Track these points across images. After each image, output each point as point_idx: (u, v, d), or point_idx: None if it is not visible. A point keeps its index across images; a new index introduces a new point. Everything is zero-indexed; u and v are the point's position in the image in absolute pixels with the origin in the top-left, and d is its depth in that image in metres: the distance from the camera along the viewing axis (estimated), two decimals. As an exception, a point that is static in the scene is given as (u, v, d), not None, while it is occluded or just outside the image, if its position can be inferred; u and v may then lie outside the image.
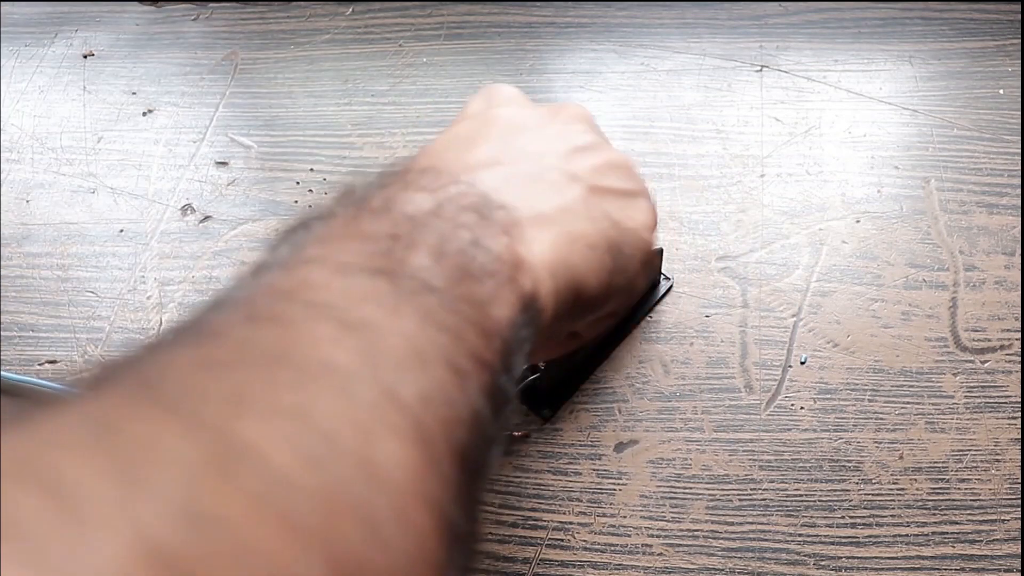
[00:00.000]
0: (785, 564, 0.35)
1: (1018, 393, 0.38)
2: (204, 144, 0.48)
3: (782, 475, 0.37)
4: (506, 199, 0.22)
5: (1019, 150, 0.45)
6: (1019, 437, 0.37)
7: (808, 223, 0.43)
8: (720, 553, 0.35)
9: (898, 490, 0.36)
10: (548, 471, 0.37)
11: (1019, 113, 0.46)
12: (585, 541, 0.36)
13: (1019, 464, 0.37)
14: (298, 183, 0.46)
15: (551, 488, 0.37)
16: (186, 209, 0.46)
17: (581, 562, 0.35)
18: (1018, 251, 0.42)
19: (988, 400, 0.38)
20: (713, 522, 0.36)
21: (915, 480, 0.36)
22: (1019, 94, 0.47)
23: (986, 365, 0.39)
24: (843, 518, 0.36)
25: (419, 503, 0.14)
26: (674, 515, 0.36)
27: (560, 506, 0.37)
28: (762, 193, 0.44)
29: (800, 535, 0.36)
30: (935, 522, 0.36)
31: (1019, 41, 0.49)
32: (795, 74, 0.49)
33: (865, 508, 0.36)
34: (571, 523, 0.36)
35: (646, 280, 0.26)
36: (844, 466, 0.37)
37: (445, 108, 0.49)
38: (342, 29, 0.52)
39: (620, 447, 0.38)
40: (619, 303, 0.27)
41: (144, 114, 0.50)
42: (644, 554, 0.35)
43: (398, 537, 0.13)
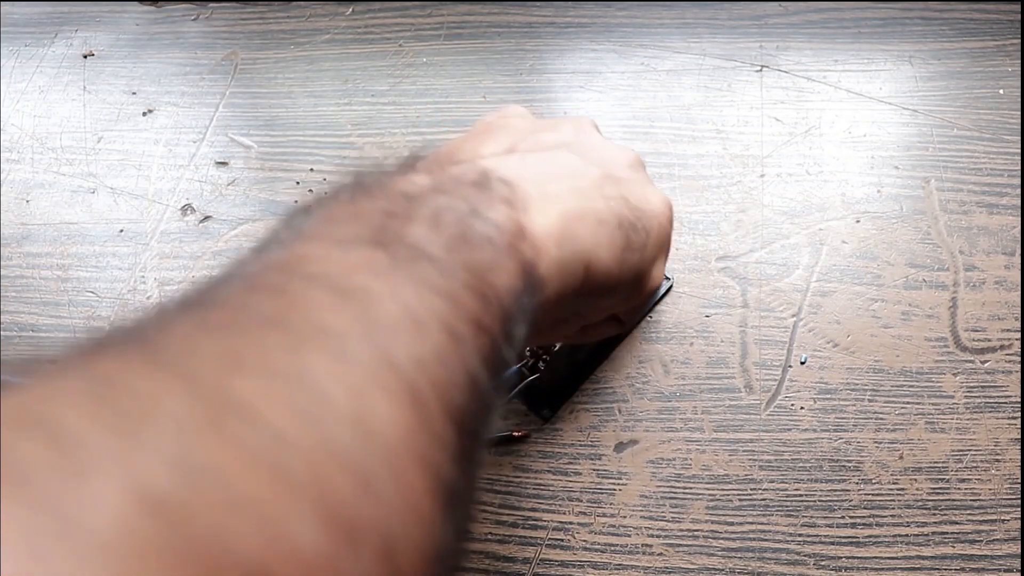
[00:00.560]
0: (785, 564, 0.35)
1: (1018, 393, 0.38)
2: (204, 144, 0.48)
3: (782, 475, 0.37)
4: (511, 175, 0.22)
5: (1019, 150, 0.45)
6: (1019, 437, 0.37)
7: (808, 223, 0.43)
8: (720, 553, 0.35)
9: (898, 490, 0.36)
10: (548, 471, 0.37)
11: (1019, 113, 0.46)
12: (585, 541, 0.36)
13: (1019, 464, 0.37)
14: (298, 183, 0.46)
15: (551, 488, 0.37)
16: (186, 209, 0.46)
17: (581, 562, 0.35)
18: (1018, 251, 0.42)
19: (988, 400, 0.38)
20: (713, 522, 0.36)
21: (915, 480, 0.36)
22: (1019, 94, 0.47)
23: (986, 365, 0.39)
24: (843, 518, 0.36)
25: (412, 461, 0.14)
26: (674, 515, 0.36)
27: (560, 506, 0.37)
28: (762, 193, 0.44)
29: (800, 535, 0.36)
30: (935, 522, 0.36)
31: (1019, 41, 0.49)
32: (795, 74, 0.49)
33: (865, 508, 0.36)
34: (571, 523, 0.36)
35: (663, 264, 0.26)
36: (844, 466, 0.37)
37: (445, 108, 0.49)
38: (342, 29, 0.52)
39: (620, 447, 0.38)
40: (635, 289, 0.26)
41: (144, 114, 0.50)
42: (644, 554, 0.35)
43: (390, 492, 0.14)
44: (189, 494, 0.11)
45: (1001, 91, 0.47)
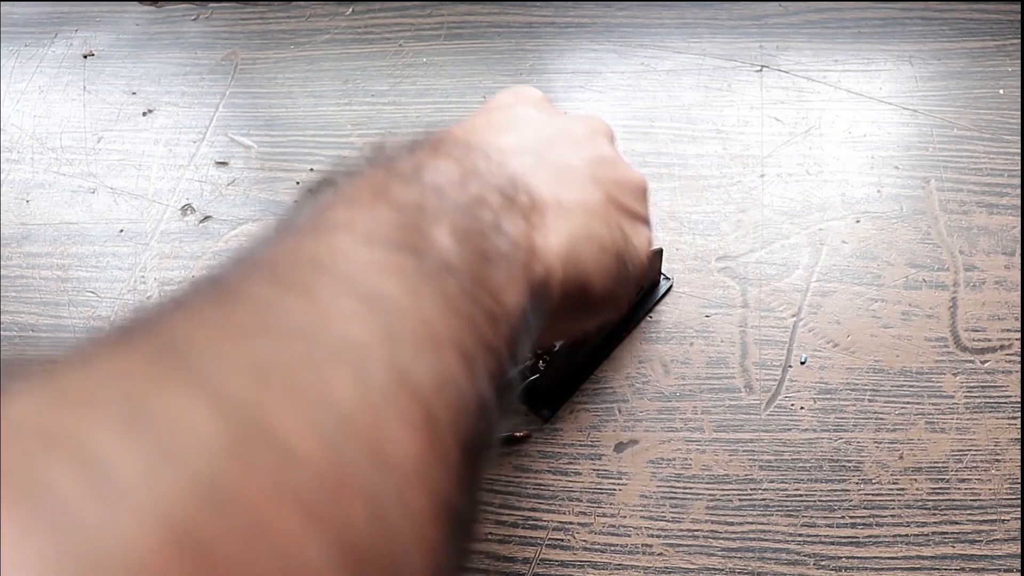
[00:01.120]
0: (785, 564, 0.35)
1: (1018, 393, 0.38)
2: (204, 144, 0.48)
3: (782, 475, 0.37)
4: (531, 183, 0.22)
5: (1019, 150, 0.45)
6: (1019, 437, 0.37)
7: (808, 223, 0.43)
8: (720, 553, 0.35)
9: (898, 490, 0.36)
10: (548, 471, 0.37)
11: (1019, 113, 0.46)
12: (585, 541, 0.36)
13: (1019, 464, 0.37)
14: (298, 183, 0.46)
15: (551, 488, 0.37)
16: (186, 209, 0.46)
17: (581, 562, 0.35)
18: (1018, 251, 0.42)
19: (988, 400, 0.38)
20: (713, 522, 0.36)
21: (915, 480, 0.36)
22: (1019, 94, 0.47)
23: (986, 365, 0.39)
24: (843, 518, 0.36)
25: (422, 488, 0.14)
26: (674, 515, 0.36)
27: (560, 506, 0.37)
28: (762, 193, 0.44)
29: (800, 535, 0.36)
30: (935, 522, 0.36)
31: (1019, 41, 0.49)
32: (795, 74, 0.49)
33: (865, 508, 0.36)
34: (571, 523, 0.36)
35: (628, 302, 0.27)
36: (844, 466, 0.37)
37: (445, 108, 0.49)
38: (342, 29, 0.52)
39: (620, 447, 0.38)
40: (609, 315, 0.27)
41: (144, 114, 0.50)
42: (644, 554, 0.35)
43: (399, 522, 0.14)
44: (215, 525, 0.11)
45: (1001, 91, 0.47)
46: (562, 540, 0.36)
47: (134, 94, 0.51)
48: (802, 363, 0.39)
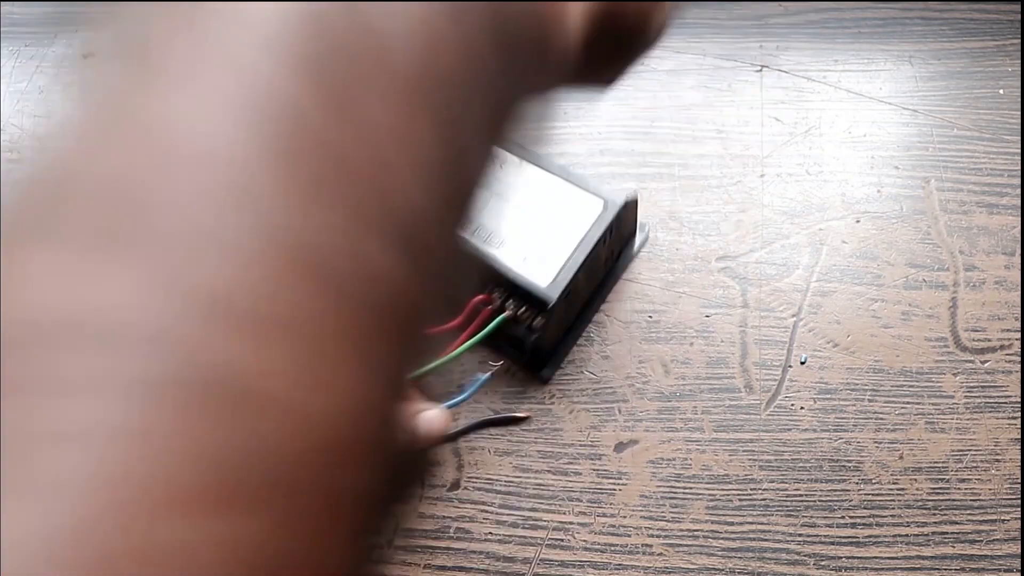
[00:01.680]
0: (785, 564, 0.35)
1: (1018, 393, 0.38)
2: (204, 144, 0.48)
3: (782, 475, 0.37)
4: None
5: (1019, 150, 0.45)
6: (1019, 437, 0.37)
7: (808, 223, 0.43)
8: (720, 553, 0.35)
9: (898, 490, 0.36)
10: (548, 471, 0.37)
11: (1019, 113, 0.46)
12: (585, 541, 0.36)
13: (1019, 464, 0.37)
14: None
15: (551, 488, 0.37)
16: (186, 209, 0.46)
17: (581, 562, 0.35)
18: (1018, 251, 0.42)
19: (988, 400, 0.38)
20: (713, 522, 0.36)
21: (915, 480, 0.36)
22: (1019, 94, 0.47)
23: (986, 365, 0.39)
24: (843, 518, 0.36)
25: None
26: (674, 515, 0.36)
27: (560, 506, 0.37)
28: (762, 193, 0.44)
29: (800, 535, 0.36)
30: (935, 522, 0.36)
31: (1019, 41, 0.49)
32: (795, 74, 0.49)
33: (865, 508, 0.36)
34: (571, 523, 0.36)
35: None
36: (844, 466, 0.37)
37: (445, 108, 0.49)
38: (342, 29, 0.52)
39: (620, 447, 0.38)
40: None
41: (144, 114, 0.50)
42: (644, 554, 0.35)
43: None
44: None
45: (1001, 91, 0.47)
46: (562, 540, 0.36)
47: (134, 94, 0.51)
48: (802, 363, 0.39)
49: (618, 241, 0.41)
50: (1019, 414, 0.38)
